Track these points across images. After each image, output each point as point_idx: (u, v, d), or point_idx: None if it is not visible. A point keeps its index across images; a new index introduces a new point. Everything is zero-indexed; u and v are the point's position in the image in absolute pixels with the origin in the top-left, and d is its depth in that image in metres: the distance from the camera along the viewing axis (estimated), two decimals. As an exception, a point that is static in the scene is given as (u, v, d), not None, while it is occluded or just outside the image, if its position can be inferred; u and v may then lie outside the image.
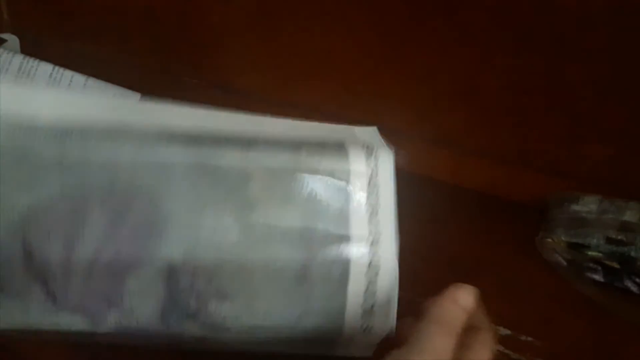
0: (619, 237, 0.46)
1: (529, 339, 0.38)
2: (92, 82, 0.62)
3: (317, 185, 0.32)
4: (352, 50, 0.62)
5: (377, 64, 0.61)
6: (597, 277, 0.45)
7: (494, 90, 0.56)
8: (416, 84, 0.60)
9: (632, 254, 0.45)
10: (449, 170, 0.60)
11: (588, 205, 0.50)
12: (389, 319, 0.32)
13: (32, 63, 0.60)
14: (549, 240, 0.48)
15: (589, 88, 0.52)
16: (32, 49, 0.67)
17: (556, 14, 0.51)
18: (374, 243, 0.32)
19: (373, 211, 0.33)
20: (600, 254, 0.46)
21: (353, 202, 0.32)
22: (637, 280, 0.44)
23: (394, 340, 0.30)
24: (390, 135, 0.62)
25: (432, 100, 0.60)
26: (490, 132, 0.57)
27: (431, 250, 0.49)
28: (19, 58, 0.59)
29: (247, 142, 0.33)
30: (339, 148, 0.34)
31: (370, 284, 0.32)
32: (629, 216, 0.48)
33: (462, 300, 0.28)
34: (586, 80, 0.52)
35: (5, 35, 0.69)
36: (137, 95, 0.64)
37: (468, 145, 0.59)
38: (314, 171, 0.32)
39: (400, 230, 0.34)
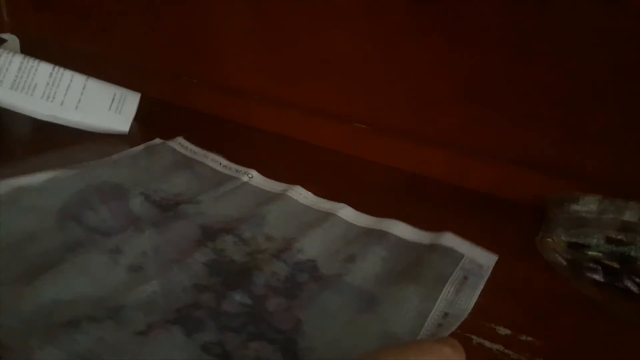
0: (619, 237, 0.46)
1: (529, 339, 0.38)
2: (92, 82, 0.62)
3: None
4: (352, 51, 0.62)
5: (377, 64, 0.61)
6: (597, 277, 0.45)
7: (494, 90, 0.56)
8: (416, 84, 0.60)
9: (632, 254, 0.45)
10: (448, 170, 0.60)
11: (588, 205, 0.50)
12: None
13: (32, 63, 0.60)
14: (549, 240, 0.48)
15: (590, 88, 0.52)
16: (32, 49, 0.67)
17: (554, 16, 0.51)
18: None
19: None
20: (600, 254, 0.46)
21: None
22: (637, 280, 0.44)
23: None
24: (390, 136, 0.62)
25: (432, 100, 0.60)
26: (490, 132, 0.57)
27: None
28: (19, 58, 0.59)
29: None
30: None
31: None
32: (629, 216, 0.48)
33: None
34: (586, 81, 0.52)
35: (5, 35, 0.69)
36: (137, 95, 0.64)
37: (468, 145, 0.59)
38: None
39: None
